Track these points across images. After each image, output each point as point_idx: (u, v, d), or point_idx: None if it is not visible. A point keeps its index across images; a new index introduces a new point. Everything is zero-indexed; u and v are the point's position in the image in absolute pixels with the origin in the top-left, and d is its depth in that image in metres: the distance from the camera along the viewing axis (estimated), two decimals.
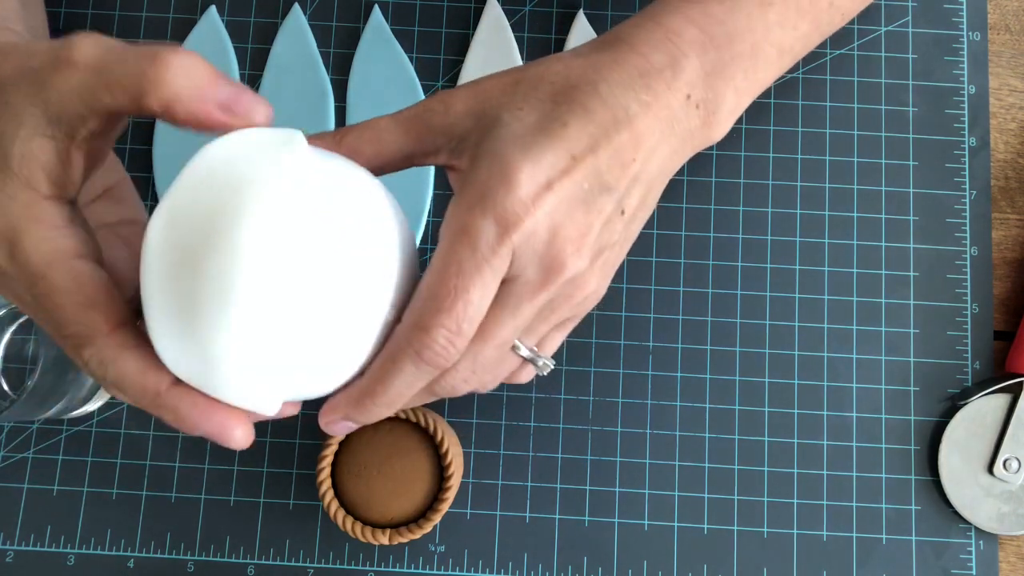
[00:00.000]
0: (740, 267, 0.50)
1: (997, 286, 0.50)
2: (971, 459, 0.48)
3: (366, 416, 0.33)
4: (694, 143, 0.36)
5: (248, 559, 0.48)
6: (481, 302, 0.31)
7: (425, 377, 0.32)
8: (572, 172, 0.32)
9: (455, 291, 0.31)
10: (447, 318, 0.31)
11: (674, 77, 0.34)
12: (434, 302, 0.31)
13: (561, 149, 0.32)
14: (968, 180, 0.51)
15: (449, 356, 0.32)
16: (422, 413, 0.44)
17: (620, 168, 0.33)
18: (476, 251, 0.31)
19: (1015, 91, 0.52)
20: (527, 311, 0.33)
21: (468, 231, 0.31)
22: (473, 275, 0.31)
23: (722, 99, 0.36)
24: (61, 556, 0.47)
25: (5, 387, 0.47)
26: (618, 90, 0.33)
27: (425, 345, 0.31)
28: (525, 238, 0.31)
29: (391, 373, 0.32)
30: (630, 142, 0.33)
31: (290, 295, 0.29)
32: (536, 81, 0.34)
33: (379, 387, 0.32)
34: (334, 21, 0.53)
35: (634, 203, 0.35)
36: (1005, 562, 0.48)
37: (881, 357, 0.49)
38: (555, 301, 0.34)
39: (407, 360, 0.32)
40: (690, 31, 0.35)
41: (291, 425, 0.49)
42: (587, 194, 0.33)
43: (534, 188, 0.31)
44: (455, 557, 0.48)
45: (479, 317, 0.32)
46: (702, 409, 0.49)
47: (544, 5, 0.53)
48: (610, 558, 0.47)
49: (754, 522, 0.48)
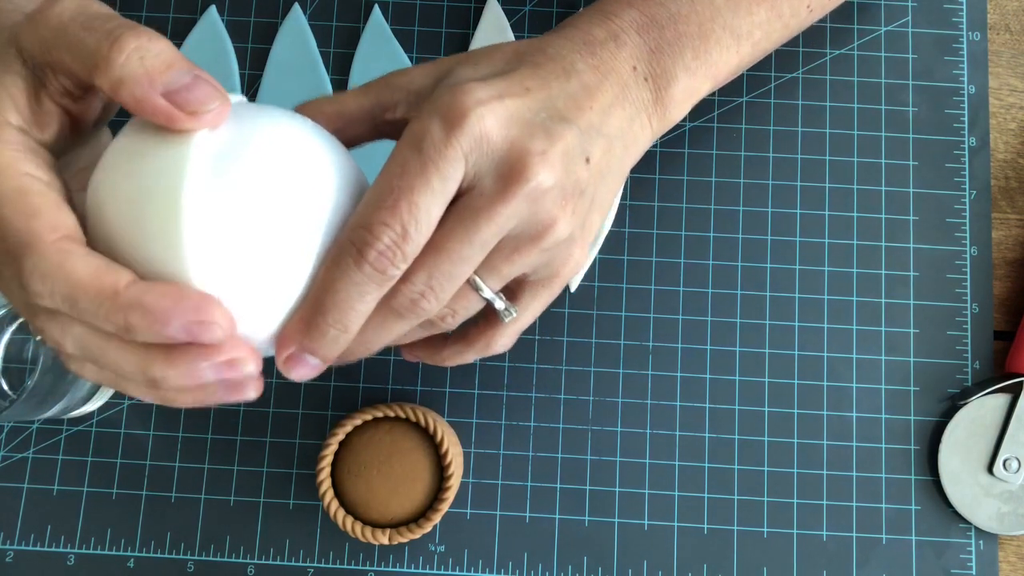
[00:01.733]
0: (740, 267, 0.50)
1: (997, 286, 0.50)
2: (971, 459, 0.48)
3: (321, 341, 0.31)
4: (651, 116, 0.37)
5: (248, 559, 0.48)
6: (427, 204, 0.30)
7: (372, 284, 0.31)
8: (524, 97, 0.33)
9: (397, 190, 0.30)
10: (389, 216, 0.30)
11: (617, 48, 0.36)
12: (376, 199, 0.30)
13: (513, 80, 0.33)
14: (968, 180, 0.51)
15: (393, 257, 0.30)
16: (422, 413, 0.44)
17: (576, 108, 0.34)
18: (420, 151, 0.30)
19: (1015, 91, 0.52)
20: (484, 228, 0.31)
21: (414, 133, 0.31)
22: (416, 175, 0.30)
23: (672, 76, 0.37)
24: (61, 556, 0.47)
25: (5, 387, 0.47)
26: (565, 51, 0.35)
27: (366, 242, 0.30)
28: (475, 141, 0.31)
29: (335, 278, 0.30)
30: (582, 91, 0.34)
31: (227, 227, 0.29)
32: (490, 50, 0.35)
33: (325, 297, 0.31)
34: (334, 21, 0.53)
35: (597, 154, 0.35)
36: (1005, 562, 0.48)
37: (881, 357, 0.49)
38: (519, 233, 0.33)
39: (349, 260, 0.30)
40: (630, 13, 0.37)
41: (291, 425, 0.49)
42: (544, 121, 0.33)
43: (483, 95, 0.32)
44: (455, 557, 0.48)
45: (427, 222, 0.31)
46: (702, 409, 0.49)
47: (544, 5, 0.53)
48: (610, 558, 0.47)
49: (754, 522, 0.48)
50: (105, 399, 0.48)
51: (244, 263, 0.30)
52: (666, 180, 0.51)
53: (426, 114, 0.31)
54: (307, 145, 0.32)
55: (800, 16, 0.43)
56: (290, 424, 0.49)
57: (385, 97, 0.35)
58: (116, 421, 0.49)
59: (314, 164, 0.32)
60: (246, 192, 0.30)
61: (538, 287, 0.36)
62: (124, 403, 0.49)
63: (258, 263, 0.30)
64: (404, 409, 0.44)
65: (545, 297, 0.37)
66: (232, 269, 0.30)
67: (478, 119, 0.31)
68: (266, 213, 0.30)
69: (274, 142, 0.31)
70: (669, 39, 0.37)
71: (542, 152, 0.32)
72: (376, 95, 0.35)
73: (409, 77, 0.35)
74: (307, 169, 0.31)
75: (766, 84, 0.52)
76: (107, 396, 0.48)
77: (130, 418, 0.49)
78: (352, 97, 0.36)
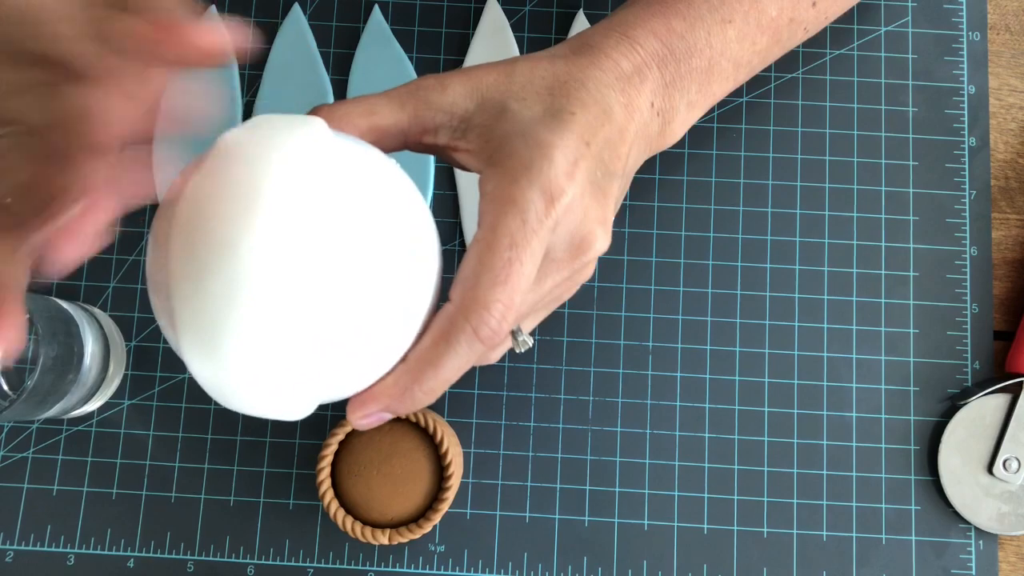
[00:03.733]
0: (740, 267, 0.50)
1: (997, 286, 0.50)
2: (971, 459, 0.48)
3: (409, 405, 0.32)
4: (652, 148, 0.39)
5: (248, 559, 0.48)
6: (532, 274, 0.31)
7: (475, 356, 0.31)
8: (588, 156, 0.33)
9: (510, 263, 0.30)
10: (503, 291, 0.30)
11: (641, 83, 0.36)
12: (491, 275, 0.30)
13: (577, 134, 0.33)
14: (968, 180, 0.51)
15: (502, 331, 0.31)
16: (422, 413, 0.44)
17: (616, 157, 0.35)
18: (527, 222, 0.31)
19: (1015, 91, 0.52)
20: (548, 286, 0.33)
21: (516, 202, 0.31)
22: (525, 246, 0.31)
23: (676, 110, 0.38)
24: (61, 556, 0.47)
25: (5, 387, 0.47)
26: (603, 88, 0.35)
27: (483, 321, 0.30)
28: (565, 211, 0.32)
29: (444, 353, 0.31)
30: (618, 136, 0.35)
31: (308, 290, 0.27)
32: (529, 75, 0.35)
33: (430, 370, 0.31)
34: (334, 21, 0.53)
35: (620, 195, 0.37)
36: (1005, 562, 0.48)
37: (881, 357, 0.49)
38: (566, 281, 0.35)
39: (462, 338, 0.30)
40: (653, 44, 0.37)
41: (291, 425, 0.49)
42: (600, 179, 0.34)
43: (568, 164, 0.32)
44: (455, 557, 0.48)
45: (527, 290, 0.31)
46: (702, 409, 0.49)
47: (544, 5, 0.53)
48: (610, 558, 0.47)
49: (754, 522, 0.48)
50: (105, 399, 0.48)
51: (319, 350, 0.28)
52: (666, 180, 0.51)
53: (524, 180, 0.32)
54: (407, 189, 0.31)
55: (796, 38, 0.43)
56: (290, 424, 0.49)
57: (425, 117, 0.34)
58: (116, 421, 0.49)
59: (414, 211, 0.31)
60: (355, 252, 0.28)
61: (539, 314, 0.38)
62: (124, 403, 0.49)
63: (338, 345, 0.28)
64: None
65: (542, 316, 0.38)
66: (305, 356, 0.28)
67: (572, 195, 0.32)
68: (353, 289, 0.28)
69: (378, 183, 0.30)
70: (682, 73, 0.38)
71: (603, 221, 0.34)
72: (414, 113, 0.34)
73: (450, 98, 0.34)
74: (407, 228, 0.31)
75: (766, 84, 0.52)
76: (107, 396, 0.48)
77: (130, 418, 0.49)
78: (387, 110, 0.34)
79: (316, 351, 0.28)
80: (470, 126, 0.34)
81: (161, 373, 0.49)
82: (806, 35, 0.44)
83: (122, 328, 0.49)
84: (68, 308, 0.45)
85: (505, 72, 0.35)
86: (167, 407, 0.49)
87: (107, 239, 0.26)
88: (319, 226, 0.27)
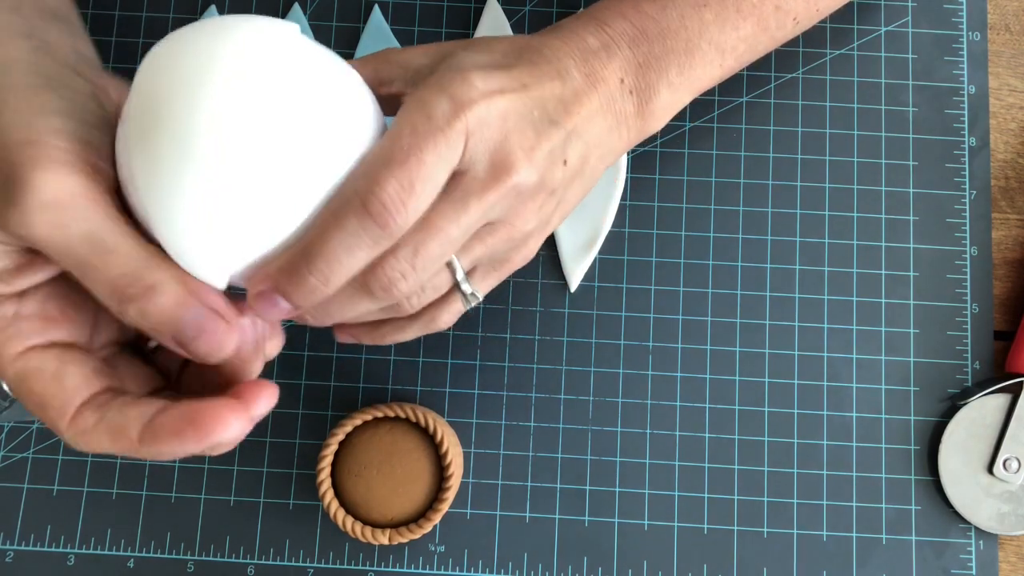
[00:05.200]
0: (740, 267, 0.50)
1: (997, 286, 0.50)
2: (971, 459, 0.48)
3: (298, 286, 0.31)
4: (629, 128, 0.38)
5: (248, 559, 0.48)
6: (433, 165, 0.31)
7: (368, 239, 0.30)
8: (520, 93, 0.33)
9: (408, 148, 0.30)
10: (399, 170, 0.30)
11: (608, 58, 0.37)
12: (386, 155, 0.30)
13: (512, 76, 0.34)
14: (968, 180, 0.51)
15: (396, 214, 0.30)
16: (422, 413, 0.44)
17: (564, 111, 0.35)
18: (431, 119, 0.31)
19: (1015, 91, 0.52)
20: (473, 211, 0.32)
21: (423, 102, 0.32)
22: (427, 138, 0.31)
23: (655, 91, 0.38)
24: (61, 556, 0.47)
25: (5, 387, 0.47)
26: (561, 56, 0.36)
27: (371, 192, 0.30)
28: (478, 124, 0.32)
29: (330, 227, 0.30)
30: (572, 96, 0.35)
31: (245, 153, 0.29)
32: (490, 41, 0.36)
33: (315, 245, 0.30)
34: (334, 21, 0.53)
35: (574, 158, 0.36)
36: (1005, 562, 0.48)
37: (881, 357, 0.49)
38: (496, 220, 0.34)
39: (351, 212, 0.30)
40: (622, 24, 0.38)
41: (291, 425, 0.49)
42: (536, 120, 0.34)
43: (486, 87, 0.33)
44: (455, 557, 0.48)
45: (432, 184, 0.31)
46: (702, 409, 0.49)
47: (544, 5, 0.53)
48: (610, 558, 0.47)
49: (754, 522, 0.48)
50: None
51: (253, 183, 0.29)
52: (666, 180, 0.51)
53: (434, 88, 0.32)
54: (355, 88, 0.32)
55: (786, 28, 0.43)
56: (290, 424, 0.49)
57: (383, 71, 0.36)
58: None
59: (354, 104, 0.32)
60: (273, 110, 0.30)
61: (489, 271, 0.37)
62: None
63: (265, 188, 0.29)
64: (404, 409, 0.44)
65: (492, 281, 0.38)
66: (239, 183, 0.29)
67: (483, 106, 0.32)
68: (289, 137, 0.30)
69: (324, 72, 0.31)
70: (657, 54, 0.38)
71: (530, 149, 0.33)
72: (373, 68, 0.36)
73: (408, 56, 0.36)
74: (345, 106, 0.31)
75: (766, 84, 0.52)
76: None
77: None
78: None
79: (236, 214, 0.29)
80: (419, 77, 0.35)
81: None
82: (797, 25, 0.44)
83: None
84: None
85: (468, 40, 0.36)
86: None
87: None
88: (263, 91, 0.29)
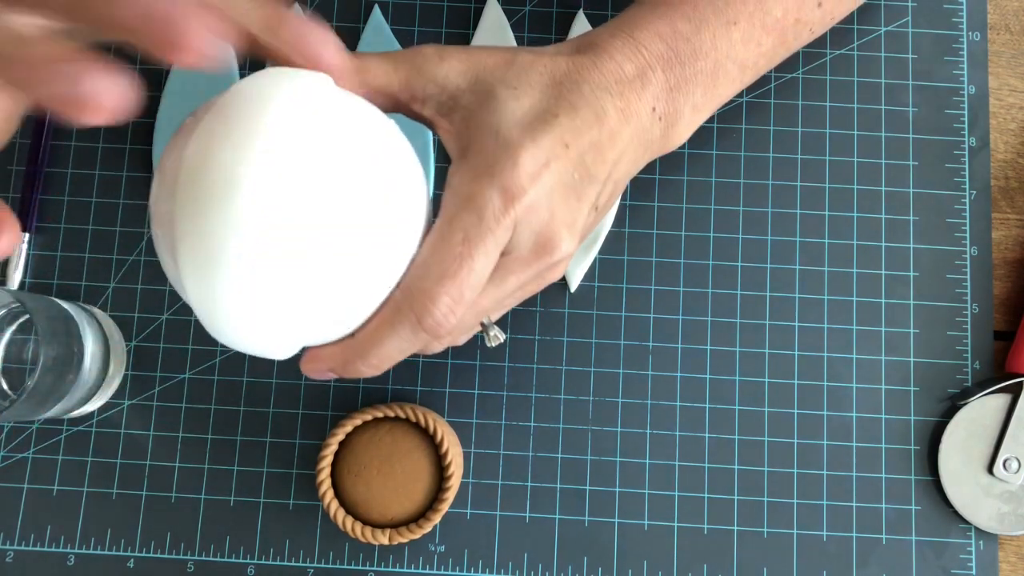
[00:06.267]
0: (740, 267, 0.50)
1: (997, 286, 0.50)
2: (971, 459, 0.48)
3: (353, 373, 0.33)
4: (652, 152, 0.39)
5: (248, 559, 0.48)
6: (484, 271, 0.32)
7: (418, 343, 0.32)
8: (564, 158, 0.33)
9: (461, 258, 0.31)
10: (452, 285, 0.31)
11: (643, 88, 0.36)
12: (440, 267, 0.31)
13: (556, 136, 0.33)
14: (968, 180, 0.51)
15: (448, 325, 0.31)
16: (422, 413, 0.44)
17: (601, 162, 0.35)
18: (482, 219, 0.31)
19: (1015, 91, 0.52)
20: (511, 284, 0.34)
21: (474, 199, 0.32)
22: (478, 243, 0.31)
23: (680, 115, 0.38)
24: (61, 556, 0.47)
25: (5, 387, 0.47)
26: (599, 92, 0.35)
27: (427, 311, 0.31)
28: (526, 212, 0.32)
29: (386, 335, 0.32)
30: (608, 140, 0.35)
31: (301, 227, 0.28)
32: (528, 66, 0.35)
33: (371, 347, 0.32)
34: (334, 21, 0.53)
35: (604, 200, 0.37)
36: (1005, 562, 0.48)
37: (881, 357, 0.49)
38: (532, 280, 0.35)
39: (405, 324, 0.31)
40: (658, 46, 0.37)
41: (291, 425, 0.49)
42: (577, 183, 0.34)
43: (535, 166, 0.32)
44: (455, 557, 0.48)
45: (480, 287, 0.32)
46: (702, 409, 0.49)
47: (544, 5, 0.53)
48: (610, 558, 0.47)
49: (754, 522, 0.48)
50: (105, 399, 0.48)
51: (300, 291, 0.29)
52: (666, 180, 0.51)
53: (484, 178, 0.32)
54: (398, 151, 0.32)
55: (802, 39, 0.43)
56: (290, 424, 0.49)
57: (415, 85, 0.35)
58: (116, 421, 0.49)
59: (401, 176, 0.32)
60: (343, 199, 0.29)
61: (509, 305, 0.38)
62: (124, 403, 0.49)
63: (324, 280, 0.30)
64: (404, 409, 0.44)
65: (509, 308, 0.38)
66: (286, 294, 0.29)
67: (534, 196, 0.32)
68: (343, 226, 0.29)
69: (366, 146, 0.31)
70: (687, 76, 0.38)
71: (572, 223, 0.34)
72: (406, 78, 0.35)
73: (444, 71, 0.35)
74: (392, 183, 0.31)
75: (766, 84, 0.52)
76: (107, 396, 0.48)
77: (130, 418, 0.49)
78: (380, 70, 0.34)
79: (303, 289, 0.29)
80: (457, 105, 0.35)
81: (161, 373, 0.49)
82: (812, 36, 0.44)
83: (122, 328, 0.49)
84: (68, 308, 0.45)
85: (505, 59, 0.35)
86: (167, 407, 0.49)
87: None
88: (313, 167, 0.29)
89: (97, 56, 0.23)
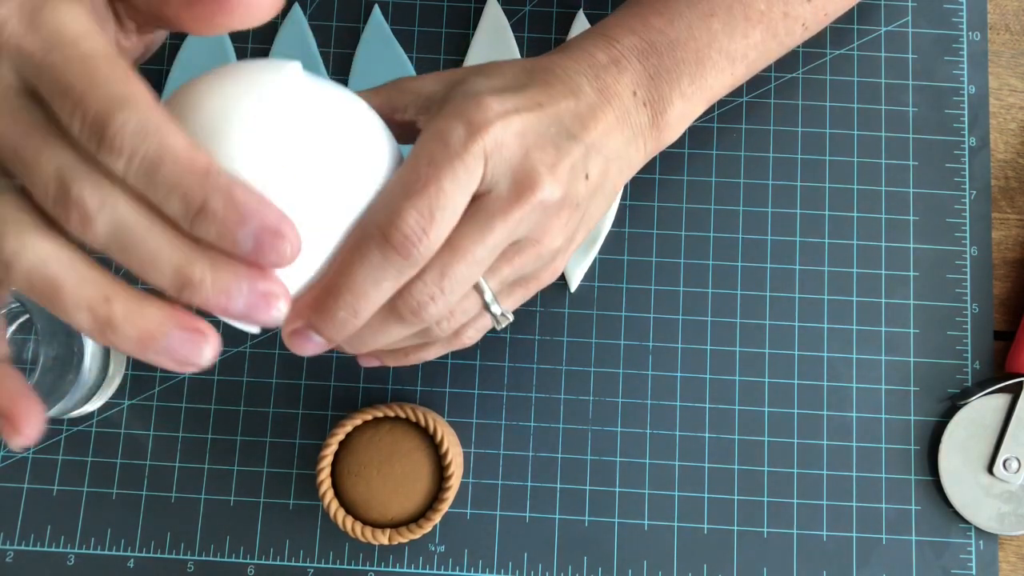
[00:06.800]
0: (740, 267, 0.50)
1: (997, 286, 0.50)
2: (971, 459, 0.48)
3: (329, 322, 0.31)
4: (646, 140, 0.38)
5: (248, 559, 0.48)
6: (453, 192, 0.31)
7: (392, 270, 0.31)
8: (537, 111, 0.34)
9: (426, 177, 0.31)
10: (418, 199, 0.30)
11: (619, 73, 0.37)
12: (404, 186, 0.31)
13: (527, 96, 0.34)
14: (968, 180, 0.51)
15: (419, 244, 0.30)
16: (422, 413, 0.44)
17: (582, 127, 0.35)
18: (447, 146, 0.31)
19: (1015, 91, 0.52)
20: (498, 230, 0.32)
21: (439, 130, 0.32)
22: (445, 165, 0.31)
23: (668, 102, 0.38)
24: (61, 556, 0.47)
25: None
26: (572, 73, 0.36)
27: (392, 224, 0.30)
28: (496, 145, 0.32)
29: (356, 264, 0.30)
30: (587, 111, 0.35)
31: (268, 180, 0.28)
32: (501, 65, 0.36)
33: (341, 279, 0.30)
34: (334, 21, 0.53)
35: (595, 172, 0.36)
36: (1005, 562, 0.48)
37: (881, 357, 0.49)
38: (523, 239, 0.34)
39: (371, 245, 0.30)
40: (631, 39, 0.38)
41: (291, 425, 0.49)
42: (555, 136, 0.34)
43: (502, 108, 0.33)
44: (455, 557, 0.48)
45: (452, 210, 0.31)
46: (702, 409, 0.49)
47: (544, 5, 0.53)
48: (610, 558, 0.47)
49: (754, 522, 0.48)
50: (105, 399, 0.48)
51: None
52: (666, 180, 0.51)
53: (450, 115, 0.32)
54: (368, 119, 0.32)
55: (795, 34, 0.43)
56: (290, 424, 0.49)
57: (395, 99, 0.36)
58: (116, 421, 0.49)
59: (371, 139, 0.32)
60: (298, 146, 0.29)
61: (516, 288, 0.37)
62: (124, 403, 0.49)
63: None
64: (404, 409, 0.44)
65: (520, 298, 0.38)
66: None
67: (499, 127, 0.32)
68: (306, 176, 0.29)
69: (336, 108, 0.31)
70: (667, 66, 0.38)
71: (552, 165, 0.33)
72: (387, 96, 0.36)
73: (420, 83, 0.36)
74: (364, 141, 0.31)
75: (766, 84, 0.52)
76: (107, 396, 0.48)
77: (130, 418, 0.49)
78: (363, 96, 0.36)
79: None
80: (432, 102, 0.35)
81: (161, 373, 0.49)
82: (806, 32, 0.44)
83: None
84: None
85: (479, 66, 0.37)
86: (167, 407, 0.49)
87: None
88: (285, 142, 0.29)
89: None
